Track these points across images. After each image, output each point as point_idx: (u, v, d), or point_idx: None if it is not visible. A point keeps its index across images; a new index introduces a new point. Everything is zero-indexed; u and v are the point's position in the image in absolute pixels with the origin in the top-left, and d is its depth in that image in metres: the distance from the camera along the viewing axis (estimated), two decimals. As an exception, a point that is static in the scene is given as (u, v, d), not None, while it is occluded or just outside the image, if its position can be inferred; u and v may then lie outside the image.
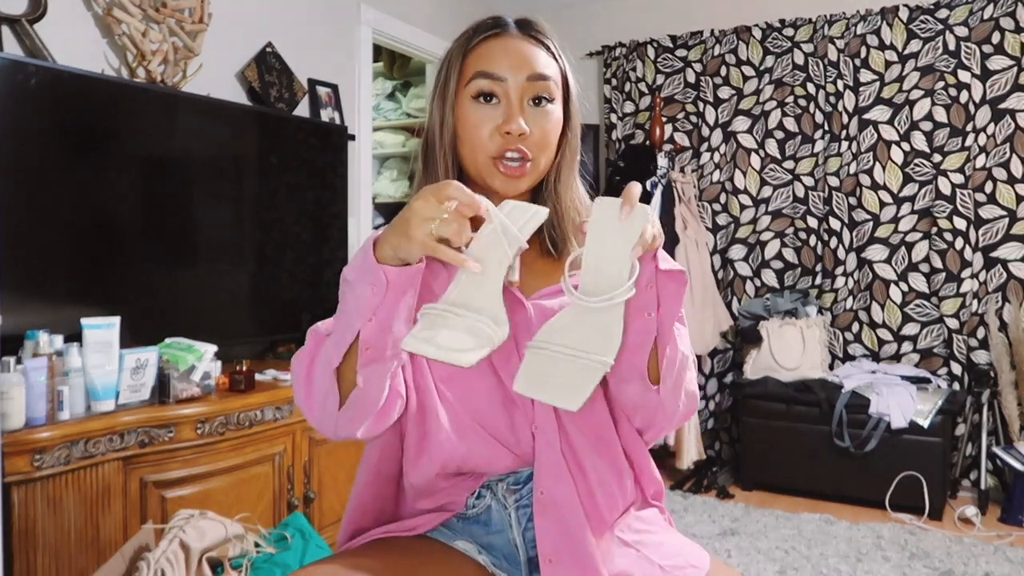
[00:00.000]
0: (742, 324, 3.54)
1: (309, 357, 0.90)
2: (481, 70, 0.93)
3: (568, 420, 0.97)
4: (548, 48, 0.97)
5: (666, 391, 0.90)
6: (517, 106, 0.92)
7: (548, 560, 0.93)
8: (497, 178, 0.94)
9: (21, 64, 1.90)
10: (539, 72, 0.93)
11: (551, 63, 0.96)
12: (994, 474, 3.20)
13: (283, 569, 1.60)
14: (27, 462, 1.61)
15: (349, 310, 0.83)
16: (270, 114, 2.69)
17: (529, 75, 0.93)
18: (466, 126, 0.94)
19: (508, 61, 0.93)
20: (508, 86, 0.92)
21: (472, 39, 0.96)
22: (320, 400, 0.88)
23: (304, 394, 0.90)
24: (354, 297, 0.82)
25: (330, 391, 0.87)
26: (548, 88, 0.94)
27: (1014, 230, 3.20)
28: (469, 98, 0.93)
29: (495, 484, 1.00)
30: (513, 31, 0.96)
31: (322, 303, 2.79)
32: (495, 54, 0.93)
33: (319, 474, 2.29)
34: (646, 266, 0.83)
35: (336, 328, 0.86)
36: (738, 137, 3.69)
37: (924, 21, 3.31)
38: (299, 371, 0.91)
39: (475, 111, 0.93)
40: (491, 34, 0.95)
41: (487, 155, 0.93)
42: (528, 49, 0.95)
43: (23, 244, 1.89)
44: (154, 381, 1.94)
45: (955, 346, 3.30)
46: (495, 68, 0.93)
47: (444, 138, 0.96)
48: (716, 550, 2.67)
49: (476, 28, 0.97)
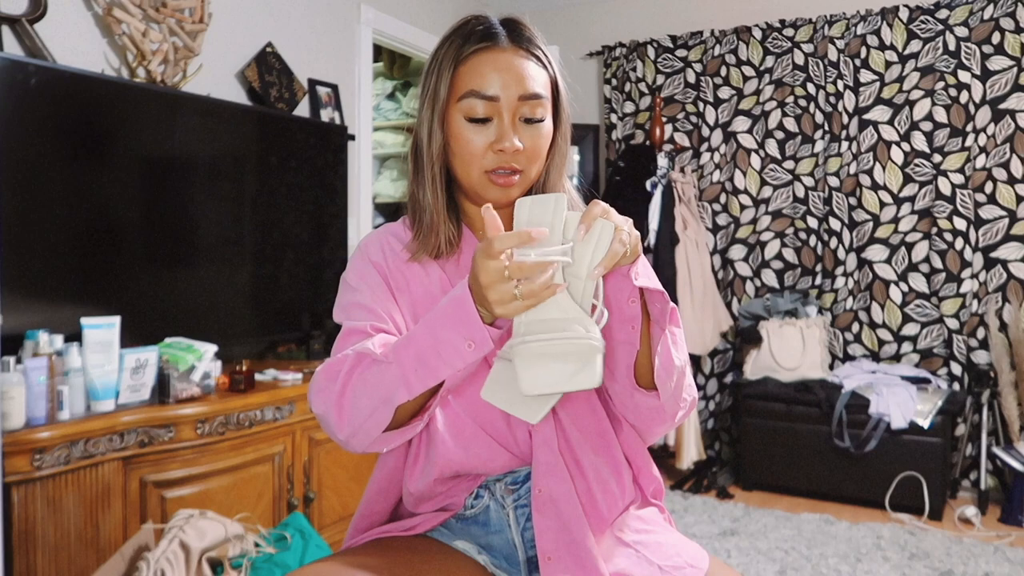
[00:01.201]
0: (742, 324, 3.54)
1: (348, 376, 0.86)
2: (473, 89, 0.93)
3: (566, 419, 0.97)
4: (538, 57, 0.97)
5: (666, 396, 0.91)
6: (510, 124, 0.93)
7: (547, 558, 0.94)
8: (491, 190, 0.95)
9: (21, 64, 1.90)
10: (531, 92, 0.94)
11: (541, 73, 0.96)
12: (994, 474, 3.20)
13: (283, 569, 1.60)
14: (27, 462, 1.61)
15: (427, 354, 0.82)
16: (270, 114, 2.69)
17: (521, 95, 0.93)
18: (459, 142, 0.95)
19: (500, 79, 0.93)
20: (501, 105, 0.93)
21: (462, 50, 0.95)
22: (359, 420, 0.86)
23: (335, 411, 0.87)
24: (437, 343, 0.81)
25: (374, 416, 0.85)
26: (540, 105, 0.95)
27: (1014, 230, 3.20)
28: (461, 116, 0.94)
29: (493, 484, 1.00)
30: (504, 44, 0.95)
31: (322, 303, 2.79)
32: (486, 71, 0.93)
33: (319, 474, 2.29)
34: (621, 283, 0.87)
35: (402, 364, 0.83)
36: (738, 137, 3.69)
37: (924, 21, 3.31)
38: (329, 387, 0.88)
39: (467, 129, 0.94)
40: (482, 47, 0.95)
41: (480, 170, 0.95)
42: (520, 64, 0.94)
43: (23, 244, 1.89)
44: (154, 381, 1.94)
45: (955, 346, 3.30)
46: (487, 87, 0.93)
47: (432, 148, 0.97)
48: (716, 550, 2.67)
49: (466, 36, 0.96)
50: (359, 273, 1.00)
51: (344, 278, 1.02)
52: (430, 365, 0.82)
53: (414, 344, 0.83)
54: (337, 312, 0.99)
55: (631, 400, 0.96)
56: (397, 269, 1.00)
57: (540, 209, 0.81)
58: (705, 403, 3.72)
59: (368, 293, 0.97)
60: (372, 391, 0.85)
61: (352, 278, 1.00)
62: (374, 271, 0.99)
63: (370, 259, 1.01)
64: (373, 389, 0.84)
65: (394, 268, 1.00)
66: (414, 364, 0.82)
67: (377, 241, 1.03)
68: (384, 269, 1.00)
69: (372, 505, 1.05)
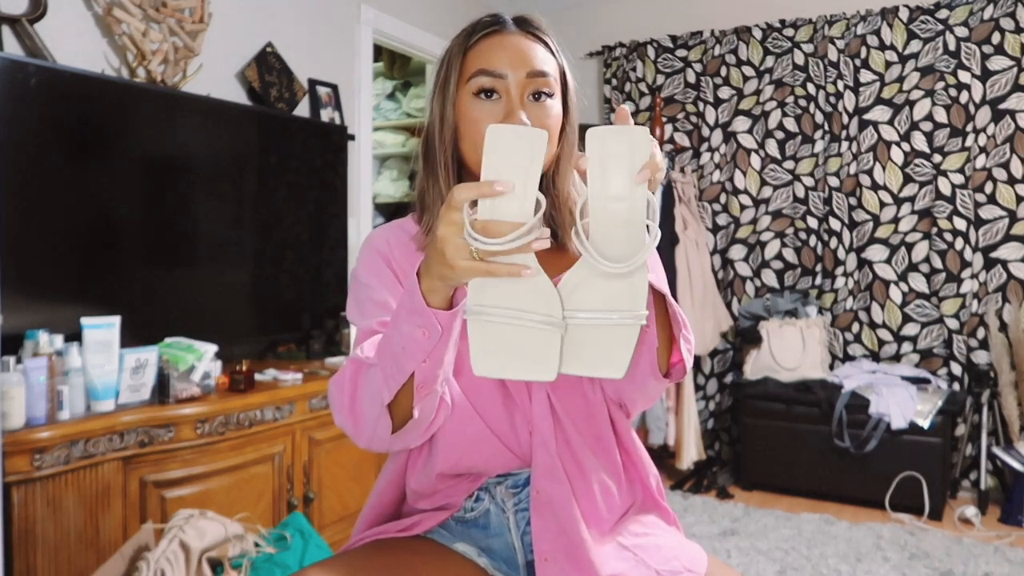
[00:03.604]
0: (742, 324, 3.54)
1: (352, 385, 0.87)
2: (481, 67, 0.93)
3: (566, 420, 0.97)
4: (546, 44, 0.98)
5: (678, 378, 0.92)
6: (518, 101, 0.93)
7: (544, 559, 0.94)
8: None
9: (21, 64, 1.90)
10: (538, 68, 0.94)
11: (549, 59, 0.97)
12: (994, 474, 3.20)
13: (283, 569, 1.60)
14: (27, 462, 1.61)
15: (396, 350, 0.80)
16: (270, 114, 2.69)
17: (529, 71, 0.93)
18: (468, 122, 0.94)
19: (507, 58, 0.93)
20: (508, 82, 0.93)
21: (471, 37, 0.96)
22: (370, 426, 0.87)
23: (351, 421, 0.88)
24: (401, 337, 0.79)
25: (380, 420, 0.85)
26: (548, 83, 0.95)
27: (1014, 230, 3.20)
28: (470, 95, 0.94)
29: (493, 487, 1.00)
30: (512, 28, 0.96)
31: (322, 303, 2.79)
32: (494, 51, 0.94)
33: (319, 474, 2.29)
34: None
35: (383, 365, 0.82)
36: (738, 137, 3.69)
37: (924, 21, 3.31)
38: (340, 399, 0.89)
39: (476, 107, 0.94)
40: (490, 31, 0.96)
41: None
42: (527, 45, 0.95)
43: (23, 244, 1.89)
44: (154, 381, 1.94)
45: (955, 346, 3.30)
46: (495, 65, 0.93)
47: (444, 134, 0.97)
48: (716, 550, 2.67)
49: (475, 26, 0.97)
50: (368, 266, 1.00)
51: (355, 274, 1.01)
52: (399, 361, 0.81)
53: (386, 342, 0.83)
54: (352, 310, 0.99)
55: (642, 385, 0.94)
56: (404, 258, 0.99)
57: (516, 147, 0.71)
58: (705, 403, 3.72)
59: (379, 287, 0.97)
60: (370, 396, 0.85)
61: (362, 273, 1.00)
62: (381, 262, 0.99)
63: (376, 250, 1.01)
64: (370, 394, 0.85)
65: (400, 257, 1.00)
66: (389, 362, 0.82)
67: (383, 234, 1.03)
68: (389, 257, 1.00)
69: (382, 496, 1.05)
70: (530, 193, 0.71)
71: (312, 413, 2.25)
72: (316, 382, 2.29)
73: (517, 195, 0.70)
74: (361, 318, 0.96)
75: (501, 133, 0.71)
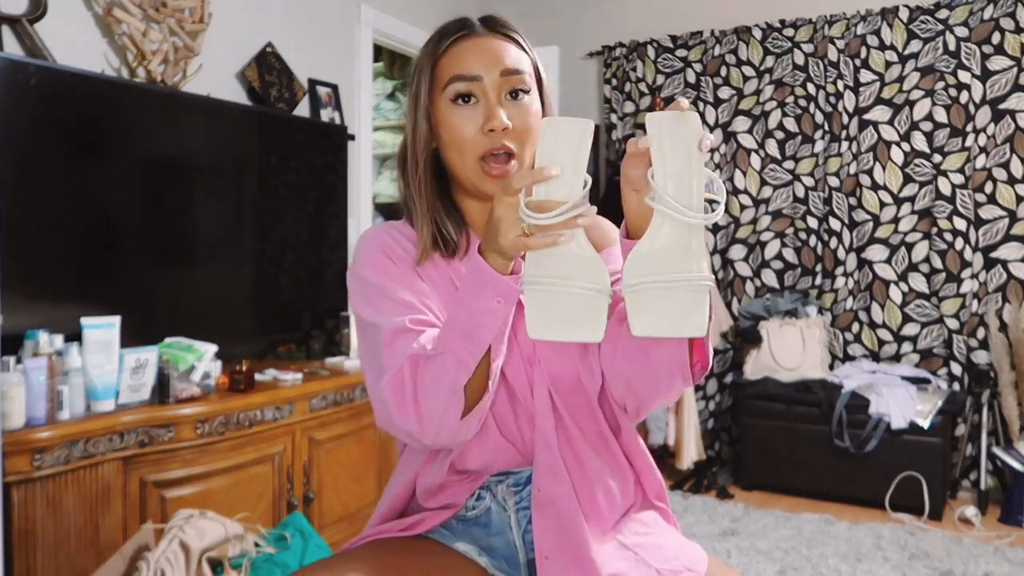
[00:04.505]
0: (742, 324, 3.54)
1: (412, 381, 0.86)
2: (456, 73, 0.94)
3: (568, 419, 0.97)
4: (517, 42, 0.98)
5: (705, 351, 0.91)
6: (495, 101, 0.93)
7: (544, 557, 0.94)
8: (487, 183, 0.95)
9: (21, 64, 1.90)
10: (512, 67, 0.94)
11: (522, 56, 0.97)
12: (994, 474, 3.20)
13: (283, 569, 1.60)
14: (27, 462, 1.61)
15: (468, 329, 0.84)
16: (270, 114, 2.69)
17: (503, 70, 0.94)
18: (449, 130, 0.95)
19: (480, 60, 0.94)
20: (484, 84, 0.93)
21: (440, 44, 0.96)
22: (437, 419, 0.86)
23: (415, 417, 0.87)
24: (471, 314, 0.83)
25: (448, 407, 0.86)
26: (523, 81, 0.95)
27: (1014, 230, 3.20)
28: (448, 102, 0.94)
29: (495, 486, 1.00)
30: (480, 30, 0.97)
31: (322, 303, 2.79)
32: (466, 55, 0.94)
33: (319, 474, 2.29)
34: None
35: (452, 348, 0.84)
36: (738, 137, 3.69)
37: (924, 21, 3.31)
38: (402, 398, 0.87)
39: (455, 114, 0.94)
40: (459, 36, 0.96)
41: (475, 156, 0.94)
42: (498, 45, 0.95)
43: (23, 244, 1.89)
44: (154, 381, 1.94)
45: (955, 346, 3.30)
46: (468, 68, 0.93)
47: (418, 146, 0.97)
48: (716, 550, 2.67)
49: (442, 32, 0.98)
50: (375, 266, 0.97)
51: (358, 274, 0.98)
52: (475, 337, 0.84)
53: (455, 326, 0.85)
54: (366, 309, 0.95)
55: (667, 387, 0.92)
56: (409, 255, 0.99)
57: (567, 135, 0.79)
58: (705, 403, 3.72)
59: (393, 286, 0.95)
60: (437, 387, 0.85)
61: (370, 273, 0.97)
62: (387, 260, 0.97)
63: (381, 250, 0.98)
64: (437, 384, 0.85)
65: (401, 259, 0.99)
66: (462, 343, 0.84)
67: (382, 235, 1.01)
68: (394, 256, 0.98)
69: (396, 488, 1.05)
70: (579, 176, 0.79)
71: (312, 413, 2.25)
72: (316, 382, 2.29)
73: (567, 178, 0.79)
74: (381, 316, 0.93)
75: (553, 123, 0.80)
